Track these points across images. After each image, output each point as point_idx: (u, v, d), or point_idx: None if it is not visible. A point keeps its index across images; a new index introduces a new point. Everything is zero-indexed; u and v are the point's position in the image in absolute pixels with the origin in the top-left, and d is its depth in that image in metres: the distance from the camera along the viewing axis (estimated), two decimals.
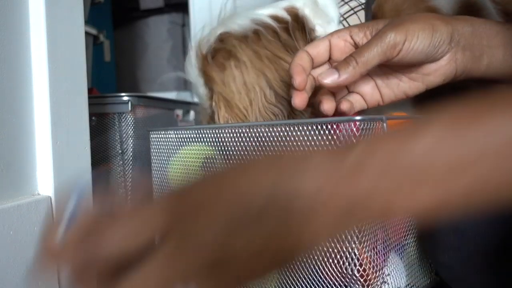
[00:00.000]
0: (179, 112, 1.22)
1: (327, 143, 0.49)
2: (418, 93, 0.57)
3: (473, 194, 0.25)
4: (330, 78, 0.51)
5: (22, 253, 0.58)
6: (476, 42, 0.51)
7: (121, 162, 0.95)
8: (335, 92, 0.58)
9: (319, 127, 0.51)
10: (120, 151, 0.95)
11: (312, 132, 0.50)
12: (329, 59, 0.57)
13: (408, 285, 0.59)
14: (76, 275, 0.27)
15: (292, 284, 0.58)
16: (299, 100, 0.55)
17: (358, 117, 0.49)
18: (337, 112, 0.57)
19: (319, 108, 0.56)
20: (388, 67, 0.56)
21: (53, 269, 0.31)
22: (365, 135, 0.48)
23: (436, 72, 0.53)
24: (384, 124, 0.48)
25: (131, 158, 0.95)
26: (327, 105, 0.56)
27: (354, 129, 0.49)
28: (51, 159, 0.64)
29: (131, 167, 0.95)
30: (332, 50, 0.56)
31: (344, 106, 0.56)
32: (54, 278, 0.64)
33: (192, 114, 1.26)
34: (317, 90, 0.59)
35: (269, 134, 0.57)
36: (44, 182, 0.64)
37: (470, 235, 0.51)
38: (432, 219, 0.29)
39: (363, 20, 0.71)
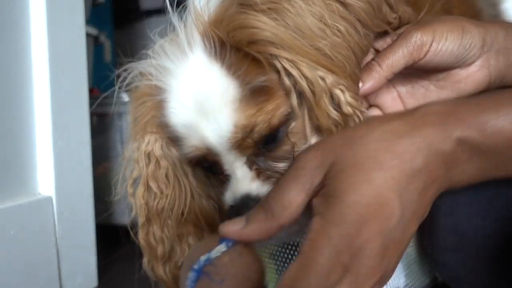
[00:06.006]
0: None
1: None
2: None
3: None
4: None
5: (22, 253, 0.59)
6: (511, 46, 0.47)
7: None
8: None
9: None
10: (120, 151, 0.95)
11: None
12: None
13: (407, 285, 0.59)
14: None
15: None
16: None
17: None
18: None
19: None
20: (412, 74, 0.51)
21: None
22: None
23: (467, 79, 0.48)
24: None
25: None
26: None
27: None
28: (52, 159, 0.64)
29: None
30: None
31: None
32: (54, 276, 0.64)
33: None
34: None
35: None
36: (45, 182, 0.64)
37: (470, 236, 0.51)
38: None
39: None
